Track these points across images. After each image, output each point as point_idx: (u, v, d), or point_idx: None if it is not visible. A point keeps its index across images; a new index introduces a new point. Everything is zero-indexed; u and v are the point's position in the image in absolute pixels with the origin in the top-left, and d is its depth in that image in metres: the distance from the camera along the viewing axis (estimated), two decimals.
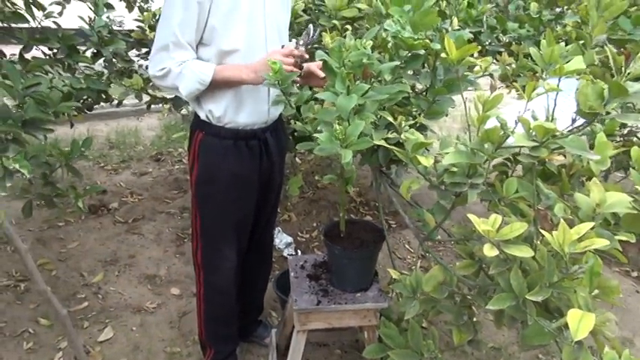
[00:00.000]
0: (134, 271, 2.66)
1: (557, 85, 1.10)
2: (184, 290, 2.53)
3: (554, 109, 1.16)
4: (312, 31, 1.48)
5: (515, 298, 1.06)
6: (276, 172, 1.79)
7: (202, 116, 1.60)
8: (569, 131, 1.10)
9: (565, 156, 1.23)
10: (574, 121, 1.05)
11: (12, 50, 2.10)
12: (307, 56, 1.46)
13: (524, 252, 1.01)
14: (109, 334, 2.18)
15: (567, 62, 1.17)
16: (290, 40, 1.65)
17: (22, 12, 1.98)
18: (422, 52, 1.42)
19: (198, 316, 1.91)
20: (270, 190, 1.83)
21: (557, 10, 2.26)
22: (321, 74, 1.52)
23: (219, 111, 1.56)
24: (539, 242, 1.08)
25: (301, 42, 1.47)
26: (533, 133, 1.03)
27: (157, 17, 2.80)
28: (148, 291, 2.51)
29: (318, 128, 1.23)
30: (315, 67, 1.57)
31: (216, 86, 1.51)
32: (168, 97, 2.86)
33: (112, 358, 2.07)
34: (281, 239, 2.92)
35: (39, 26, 2.09)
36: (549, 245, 0.96)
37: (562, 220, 0.91)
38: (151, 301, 2.42)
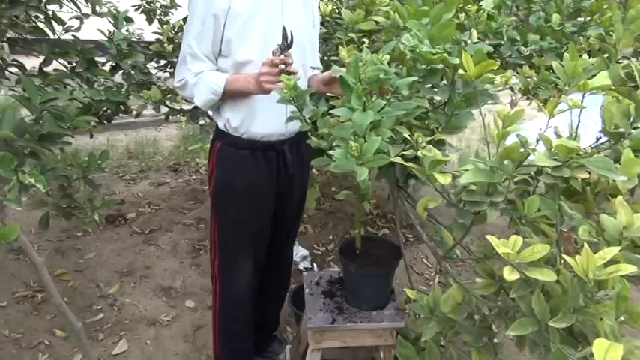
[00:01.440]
0: (150, 283, 2.66)
1: (581, 102, 1.06)
2: (199, 303, 2.52)
3: (577, 126, 1.12)
4: (287, 33, 1.37)
5: (538, 323, 1.01)
6: (295, 186, 1.77)
7: (220, 125, 1.63)
8: (593, 149, 1.06)
9: (589, 173, 1.19)
10: (598, 139, 1.01)
11: (33, 63, 2.14)
12: (291, 60, 1.39)
13: (546, 275, 0.96)
14: (124, 347, 2.18)
15: (591, 77, 1.13)
16: (319, 54, 1.63)
17: (43, 26, 2.02)
18: (440, 66, 1.39)
19: (214, 329, 1.90)
20: (289, 203, 1.81)
21: (580, 20, 2.22)
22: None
23: (235, 121, 1.57)
24: (561, 265, 1.04)
25: (278, 47, 1.38)
26: (556, 152, 0.99)
27: (176, 30, 2.83)
28: (163, 303, 2.51)
29: (334, 144, 1.21)
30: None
31: (231, 96, 1.53)
32: (186, 108, 2.88)
33: None
34: (297, 252, 2.89)
35: (59, 39, 2.11)
36: (572, 268, 0.92)
37: (586, 244, 0.87)
38: (165, 314, 2.41)
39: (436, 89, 1.48)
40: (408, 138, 1.24)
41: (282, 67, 1.37)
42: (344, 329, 1.56)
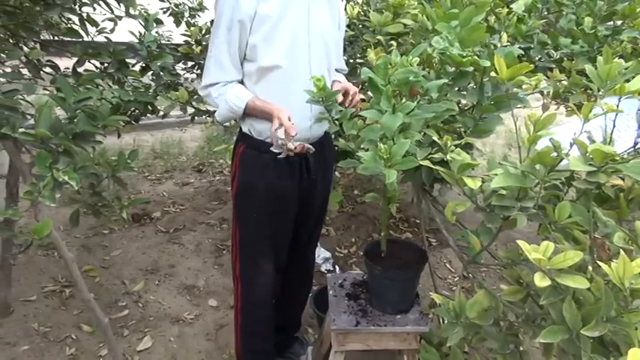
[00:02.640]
0: (174, 281, 2.70)
1: (617, 106, 1.04)
2: (222, 302, 2.54)
3: (612, 131, 1.10)
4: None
5: (569, 331, 0.99)
6: (318, 190, 1.77)
7: (245, 129, 1.63)
8: (629, 154, 1.03)
9: (623, 179, 1.17)
10: (637, 144, 0.99)
11: (66, 64, 2.19)
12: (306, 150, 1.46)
13: (579, 282, 0.95)
14: (148, 344, 2.21)
15: (627, 81, 1.10)
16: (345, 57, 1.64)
17: (77, 28, 2.07)
18: (470, 69, 1.38)
19: (235, 328, 1.91)
20: (311, 207, 1.81)
21: (610, 24, 2.17)
22: (340, 98, 1.50)
23: (260, 125, 1.57)
24: (593, 273, 1.02)
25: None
26: (590, 157, 0.97)
27: (204, 32, 2.87)
28: (186, 301, 2.54)
29: (362, 146, 1.21)
30: (349, 87, 1.56)
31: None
32: (212, 109, 2.91)
33: None
34: (319, 254, 2.90)
35: (92, 41, 2.17)
36: (606, 276, 0.90)
37: (622, 252, 0.85)
38: (189, 312, 2.44)
39: (464, 93, 1.46)
40: (437, 141, 1.23)
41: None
42: (368, 332, 1.56)
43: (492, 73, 1.24)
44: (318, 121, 1.46)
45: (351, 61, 2.56)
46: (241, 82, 1.58)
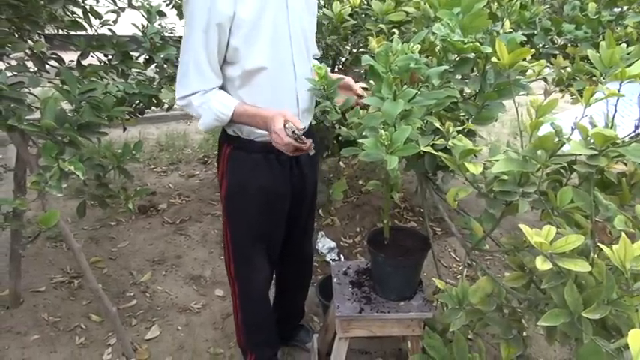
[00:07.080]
0: (180, 271, 2.72)
1: (618, 90, 1.04)
2: (228, 292, 2.56)
3: (614, 116, 1.10)
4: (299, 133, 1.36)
5: (570, 314, 1.00)
6: (308, 184, 1.75)
7: (229, 131, 1.57)
8: (631, 139, 1.03)
9: (625, 164, 1.17)
10: (637, 127, 0.99)
11: (71, 57, 2.20)
12: (306, 145, 1.35)
13: (580, 266, 0.95)
14: (156, 333, 2.24)
15: (629, 65, 1.10)
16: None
17: (81, 20, 2.08)
18: (471, 55, 1.38)
19: (236, 324, 1.93)
20: (303, 202, 1.78)
21: (617, 10, 2.15)
22: (359, 91, 1.49)
23: (247, 126, 1.50)
24: (595, 256, 1.03)
25: (291, 129, 1.34)
26: (591, 141, 0.97)
27: None
28: (193, 291, 2.56)
29: (364, 134, 1.21)
30: (353, 82, 1.54)
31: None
32: None
33: (157, 357, 2.12)
34: (324, 244, 2.91)
35: (96, 34, 2.17)
36: (607, 259, 0.91)
37: (623, 234, 0.85)
38: (195, 302, 2.47)
39: (467, 81, 1.46)
40: (439, 128, 1.24)
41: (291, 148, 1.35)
42: (371, 319, 1.57)
43: (493, 59, 1.24)
44: (321, 108, 1.45)
45: (354, 50, 2.56)
46: (222, 87, 1.48)
